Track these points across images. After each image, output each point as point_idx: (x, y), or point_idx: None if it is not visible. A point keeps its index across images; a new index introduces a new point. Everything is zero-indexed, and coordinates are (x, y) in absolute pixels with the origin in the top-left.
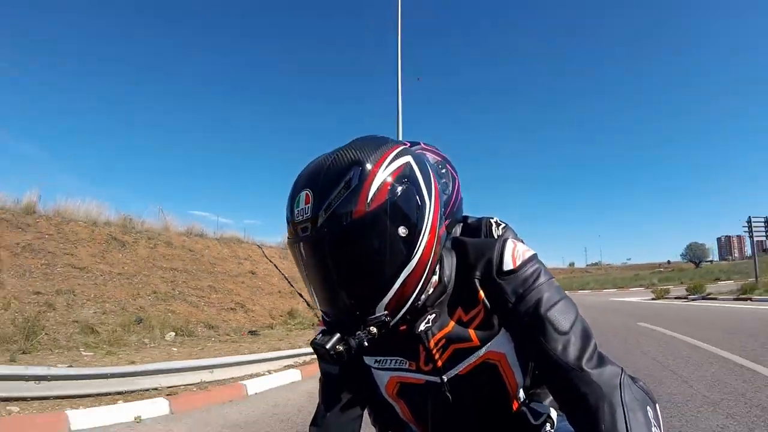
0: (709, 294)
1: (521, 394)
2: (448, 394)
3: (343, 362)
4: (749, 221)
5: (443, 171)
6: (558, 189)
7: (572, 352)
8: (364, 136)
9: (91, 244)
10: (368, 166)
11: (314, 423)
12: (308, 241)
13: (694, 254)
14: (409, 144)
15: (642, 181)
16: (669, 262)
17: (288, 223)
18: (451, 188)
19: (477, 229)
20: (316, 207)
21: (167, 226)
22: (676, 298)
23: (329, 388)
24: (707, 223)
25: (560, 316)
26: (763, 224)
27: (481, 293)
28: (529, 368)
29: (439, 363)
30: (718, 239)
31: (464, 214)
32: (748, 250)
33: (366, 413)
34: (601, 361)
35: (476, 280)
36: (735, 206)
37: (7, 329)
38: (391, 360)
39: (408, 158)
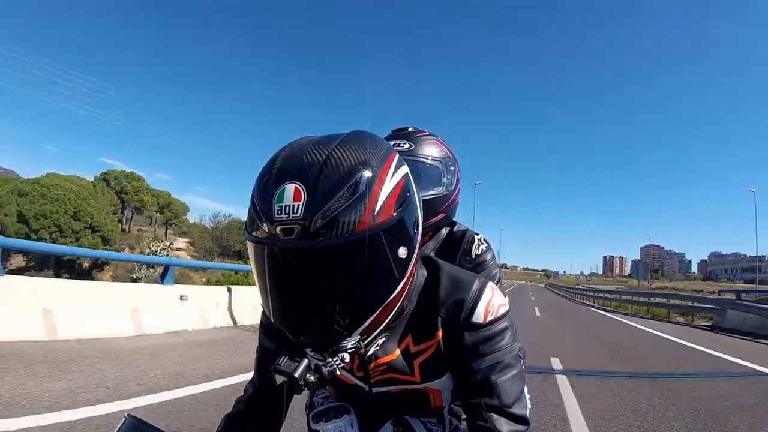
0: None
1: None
2: (373, 399)
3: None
4: None
5: (452, 168)
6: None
7: (504, 428)
8: (359, 132)
9: None
10: (376, 172)
11: (245, 393)
12: (294, 246)
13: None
14: (428, 132)
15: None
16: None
17: (259, 217)
18: (454, 186)
19: (459, 240)
20: (311, 207)
21: None
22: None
23: (265, 364)
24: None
25: (509, 388)
26: None
27: (440, 332)
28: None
29: (373, 380)
30: (604, 258)
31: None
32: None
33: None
34: None
35: (440, 318)
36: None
37: None
38: None
39: (406, 168)
